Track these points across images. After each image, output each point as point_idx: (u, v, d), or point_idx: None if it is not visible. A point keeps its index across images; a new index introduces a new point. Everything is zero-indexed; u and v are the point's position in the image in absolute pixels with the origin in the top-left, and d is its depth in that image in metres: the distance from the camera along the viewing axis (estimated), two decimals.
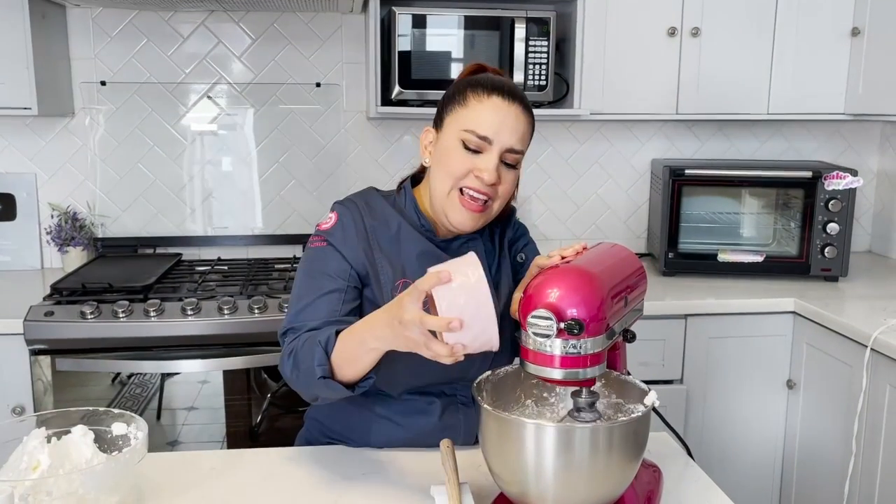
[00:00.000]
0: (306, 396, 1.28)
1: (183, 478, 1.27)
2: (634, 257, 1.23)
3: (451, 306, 1.02)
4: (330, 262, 1.35)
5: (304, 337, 1.26)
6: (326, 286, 1.33)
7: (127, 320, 2.16)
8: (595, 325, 1.01)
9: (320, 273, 1.34)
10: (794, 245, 2.62)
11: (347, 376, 1.20)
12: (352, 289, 1.34)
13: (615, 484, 1.03)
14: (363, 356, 1.17)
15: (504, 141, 1.31)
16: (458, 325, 1.01)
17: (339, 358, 1.19)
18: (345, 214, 1.39)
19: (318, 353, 1.20)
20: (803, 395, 2.38)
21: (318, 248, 1.38)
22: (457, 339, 1.02)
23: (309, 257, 1.38)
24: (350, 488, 1.24)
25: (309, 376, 1.21)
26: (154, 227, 2.76)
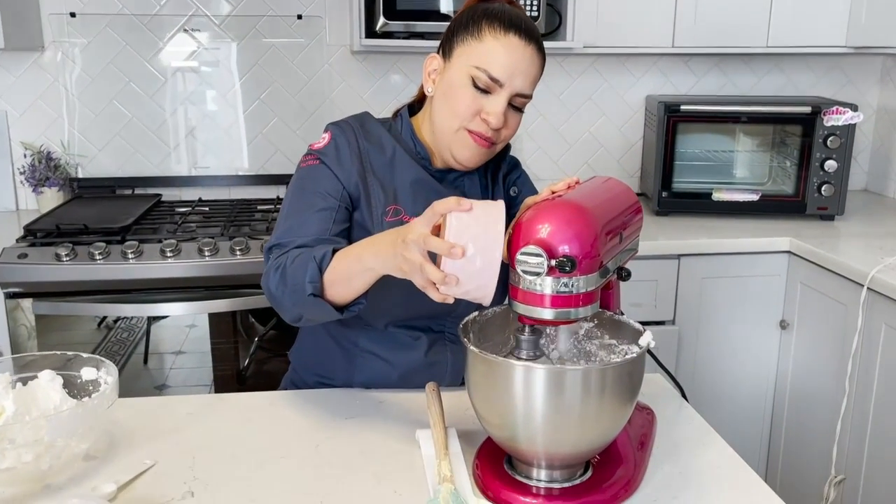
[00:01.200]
0: (288, 315, 1.22)
1: (158, 423, 1.22)
2: (630, 191, 1.16)
3: (460, 234, 0.96)
4: (322, 180, 1.30)
5: (295, 253, 1.21)
6: (318, 204, 1.28)
7: (104, 262, 2.10)
8: (588, 262, 0.95)
9: (312, 191, 1.29)
10: (791, 183, 2.55)
11: (337, 298, 1.15)
12: (343, 209, 1.29)
13: (608, 428, 0.98)
14: (357, 276, 1.12)
15: (516, 85, 1.25)
16: (459, 253, 0.95)
17: (333, 276, 1.14)
18: (339, 135, 1.34)
19: (312, 268, 1.14)
20: (796, 335, 2.35)
21: (310, 167, 1.32)
22: (453, 270, 0.96)
23: (300, 175, 1.33)
24: (333, 434, 1.20)
25: (297, 293, 1.16)
26: (132, 167, 2.68)
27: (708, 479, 1.09)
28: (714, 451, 1.16)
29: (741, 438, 2.45)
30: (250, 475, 1.09)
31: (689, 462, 1.13)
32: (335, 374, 1.38)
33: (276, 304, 1.22)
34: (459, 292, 0.98)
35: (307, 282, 1.14)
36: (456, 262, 0.95)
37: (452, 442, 1.12)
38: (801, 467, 2.36)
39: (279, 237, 1.27)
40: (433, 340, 1.36)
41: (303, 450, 1.15)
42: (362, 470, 1.10)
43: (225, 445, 1.16)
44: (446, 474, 1.01)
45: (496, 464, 1.07)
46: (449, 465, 1.03)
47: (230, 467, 1.11)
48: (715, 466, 1.12)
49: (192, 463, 1.11)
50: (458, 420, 1.21)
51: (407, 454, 1.13)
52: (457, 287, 0.97)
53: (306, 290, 1.14)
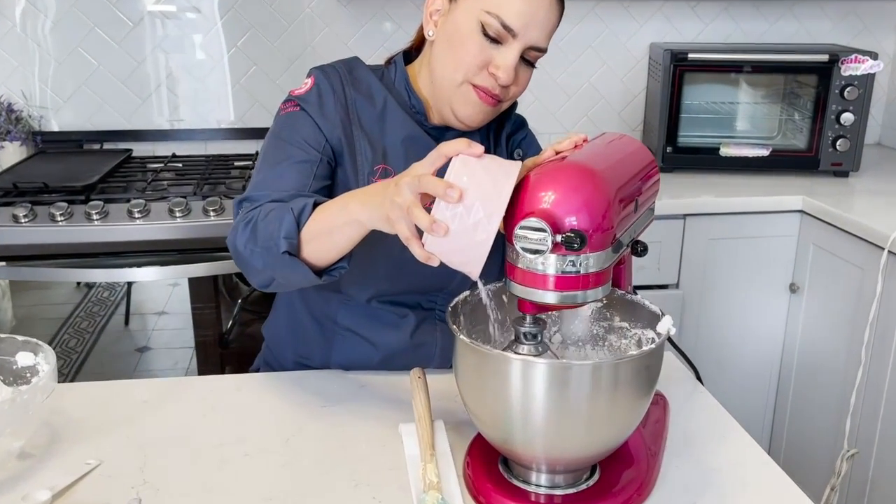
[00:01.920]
0: (257, 278, 1.07)
1: (108, 413, 1.09)
2: (645, 150, 1.01)
3: (462, 178, 0.81)
4: (302, 129, 1.15)
5: (270, 207, 1.05)
6: (297, 155, 1.13)
7: (66, 224, 1.94)
8: (599, 236, 0.80)
9: (290, 141, 1.15)
10: (803, 138, 2.40)
11: (316, 258, 1.01)
12: (325, 163, 1.14)
13: (619, 430, 0.85)
14: (340, 230, 0.97)
15: (531, 37, 1.09)
16: (457, 195, 0.80)
17: (312, 231, 0.99)
18: (323, 80, 1.18)
19: (288, 222, 1.00)
20: (806, 299, 2.22)
21: (289, 114, 1.17)
22: (445, 218, 0.81)
23: (279, 123, 1.18)
24: (306, 426, 1.06)
25: (269, 251, 1.01)
26: (101, 120, 2.50)
27: (730, 478, 0.96)
28: (735, 446, 1.03)
29: (744, 408, 2.34)
30: (208, 477, 0.95)
31: (708, 459, 1.00)
32: (311, 353, 1.25)
33: (243, 264, 1.07)
34: (446, 251, 0.82)
35: (281, 237, 0.99)
36: (450, 209, 0.80)
37: (440, 438, 0.99)
38: (807, 439, 2.25)
39: (251, 190, 1.12)
40: (421, 319, 1.22)
41: (271, 445, 1.02)
42: (338, 470, 0.96)
43: (182, 440, 1.03)
44: (432, 480, 0.88)
45: (490, 464, 0.94)
46: (435, 469, 0.90)
47: (186, 468, 0.97)
48: (737, 464, 0.99)
49: (143, 463, 0.98)
50: (447, 409, 1.07)
51: (389, 451, 1.00)
52: (445, 241, 0.81)
53: (280, 246, 0.99)
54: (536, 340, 0.87)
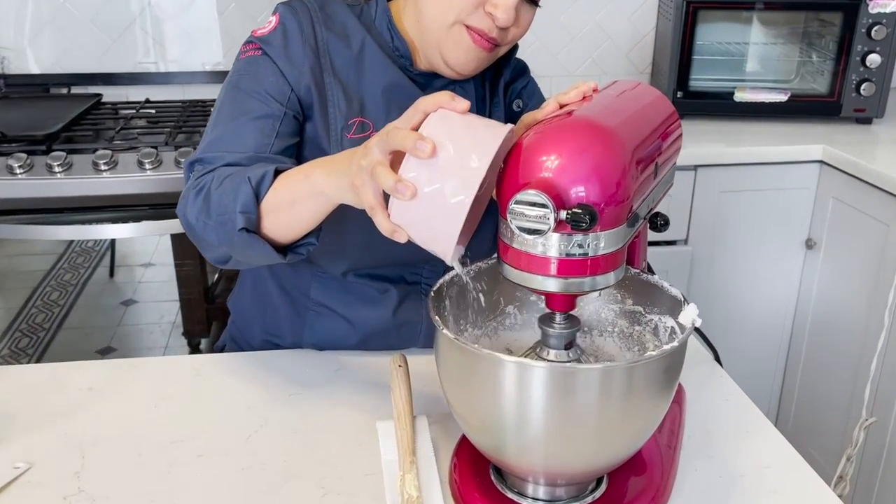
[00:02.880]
0: (212, 254, 0.94)
1: (44, 404, 0.95)
2: (664, 100, 0.85)
3: (436, 131, 0.67)
4: (264, 77, 0.98)
5: (224, 172, 0.90)
6: (256, 109, 0.97)
7: (26, 177, 1.78)
8: (612, 210, 0.66)
9: (250, 91, 0.98)
10: (824, 81, 2.22)
11: (278, 234, 0.87)
12: (291, 118, 0.98)
13: (631, 441, 0.72)
14: (303, 203, 0.83)
15: None
16: (429, 149, 0.66)
17: (272, 203, 0.85)
18: (289, 18, 1.00)
19: (245, 194, 0.85)
20: (823, 256, 2.08)
21: (250, 59, 1.00)
22: (412, 178, 0.67)
23: (237, 70, 1.01)
24: (271, 419, 0.93)
25: (224, 226, 0.87)
26: (69, 62, 2.32)
27: (758, 484, 0.83)
28: (762, 443, 0.90)
29: (752, 371, 2.22)
30: (155, 484, 0.82)
31: (732, 460, 0.87)
32: (281, 330, 1.11)
33: (195, 238, 0.92)
34: (414, 221, 0.69)
35: (238, 211, 0.85)
36: (421, 168, 0.67)
37: (422, 440, 0.85)
38: (818, 406, 2.13)
39: (204, 150, 0.96)
40: (405, 294, 1.08)
41: (228, 444, 0.88)
42: (304, 476, 0.83)
43: (127, 438, 0.89)
44: (412, 495, 0.75)
45: (479, 469, 0.81)
46: (416, 481, 0.77)
47: (129, 472, 0.84)
48: (764, 466, 0.86)
49: (80, 466, 0.85)
50: (432, 397, 0.94)
51: (365, 451, 0.87)
52: (413, 209, 0.67)
53: (236, 222, 0.85)
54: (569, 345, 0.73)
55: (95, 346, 2.94)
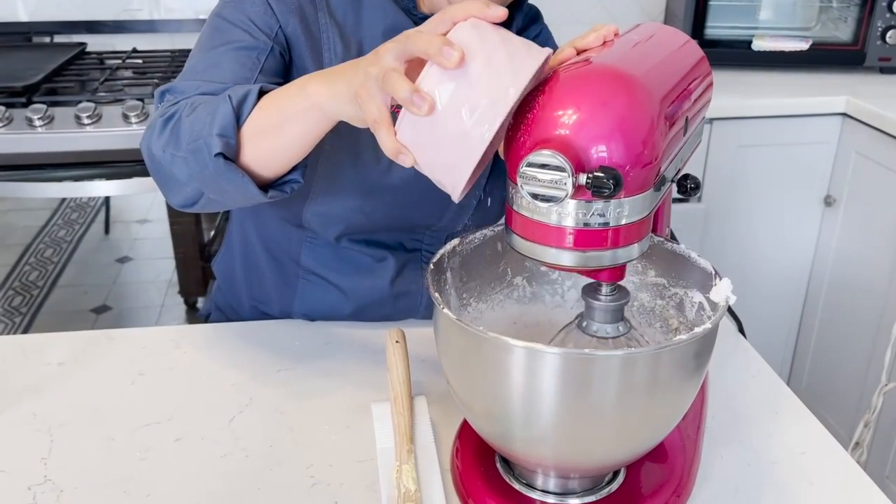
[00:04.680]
0: (179, 195, 0.81)
1: (12, 381, 0.87)
2: (694, 45, 0.76)
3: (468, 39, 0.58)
4: (250, 6, 0.87)
5: (198, 100, 0.79)
6: (239, 39, 0.85)
7: (5, 131, 1.69)
8: (639, 172, 0.57)
9: (233, 20, 0.87)
10: (847, 29, 2.10)
11: (259, 163, 0.75)
12: (276, 54, 0.86)
13: (654, 433, 0.64)
14: (294, 121, 0.72)
15: None
16: (457, 56, 0.57)
17: (256, 125, 0.74)
18: None
19: (224, 114, 0.74)
20: (843, 213, 1.99)
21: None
22: (432, 89, 0.57)
23: (220, 4, 0.89)
24: (255, 399, 0.85)
25: (197, 154, 0.74)
26: (51, 9, 2.20)
27: (792, 473, 0.75)
28: (794, 426, 0.82)
29: (765, 332, 2.15)
30: (126, 472, 0.75)
31: (761, 446, 0.79)
32: (269, 298, 1.02)
33: (160, 175, 0.80)
34: (425, 143, 0.59)
35: (214, 134, 0.73)
36: (444, 79, 0.57)
37: (421, 424, 0.77)
38: (833, 369, 2.06)
39: (178, 79, 0.85)
40: (403, 263, 0.99)
41: (209, 427, 0.81)
42: (291, 463, 0.76)
43: (100, 419, 0.82)
44: (409, 488, 0.67)
45: (483, 457, 0.73)
46: (413, 472, 0.69)
47: (100, 458, 0.77)
48: (798, 452, 0.78)
49: (48, 451, 0.77)
50: (433, 375, 0.86)
51: (357, 435, 0.79)
52: (426, 129, 0.58)
53: (212, 146, 0.73)
54: (616, 319, 0.64)
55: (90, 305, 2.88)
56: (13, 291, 2.95)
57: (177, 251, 2.41)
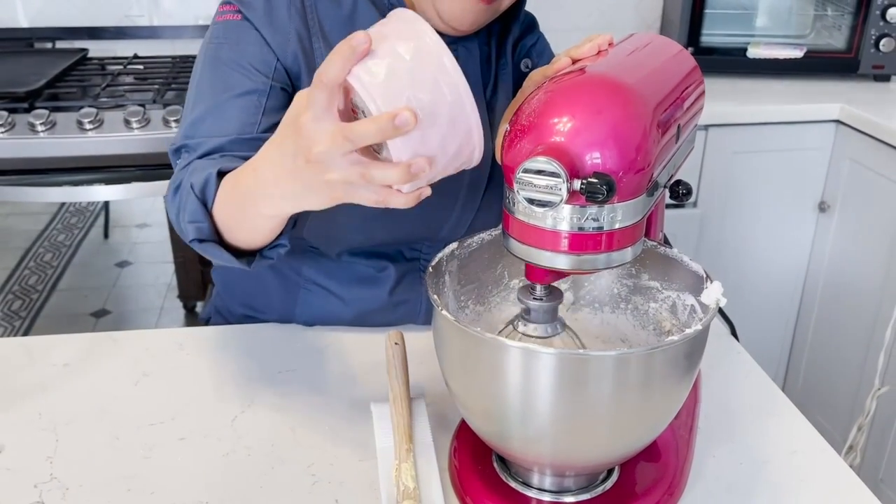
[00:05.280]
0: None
1: (18, 381, 0.89)
2: (686, 54, 0.78)
3: (391, 92, 0.57)
4: (247, 46, 0.87)
5: (197, 166, 0.80)
6: (239, 84, 0.86)
7: (7, 135, 1.70)
8: (632, 178, 0.59)
9: (231, 63, 0.87)
10: (841, 37, 2.13)
11: (240, 242, 0.78)
12: (278, 91, 0.87)
13: (646, 432, 0.66)
14: (258, 225, 0.74)
15: None
16: (410, 118, 0.55)
17: (224, 220, 0.76)
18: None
19: (192, 204, 0.76)
20: (837, 220, 2.01)
21: (228, 24, 0.89)
22: (415, 150, 0.58)
23: (215, 37, 0.90)
24: (256, 400, 0.87)
25: (182, 234, 0.79)
26: (53, 15, 2.22)
27: (783, 472, 0.77)
28: (786, 427, 0.84)
29: (760, 337, 2.17)
30: (131, 470, 0.76)
31: (753, 445, 0.81)
32: (270, 305, 1.04)
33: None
34: (439, 171, 0.61)
35: (187, 221, 0.77)
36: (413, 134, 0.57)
37: (419, 425, 0.79)
38: (827, 373, 2.08)
39: (185, 133, 0.86)
40: (403, 272, 1.00)
41: (212, 426, 0.83)
42: (293, 462, 0.78)
43: (104, 418, 0.83)
44: (408, 486, 0.69)
45: (481, 456, 0.75)
46: (412, 471, 0.71)
47: (105, 456, 0.78)
48: (789, 451, 0.80)
49: (54, 450, 0.79)
50: (432, 376, 0.88)
51: (357, 436, 0.81)
52: (429, 169, 0.59)
53: (187, 234, 0.78)
54: (549, 319, 0.66)
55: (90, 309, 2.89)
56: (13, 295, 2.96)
57: (176, 255, 2.43)
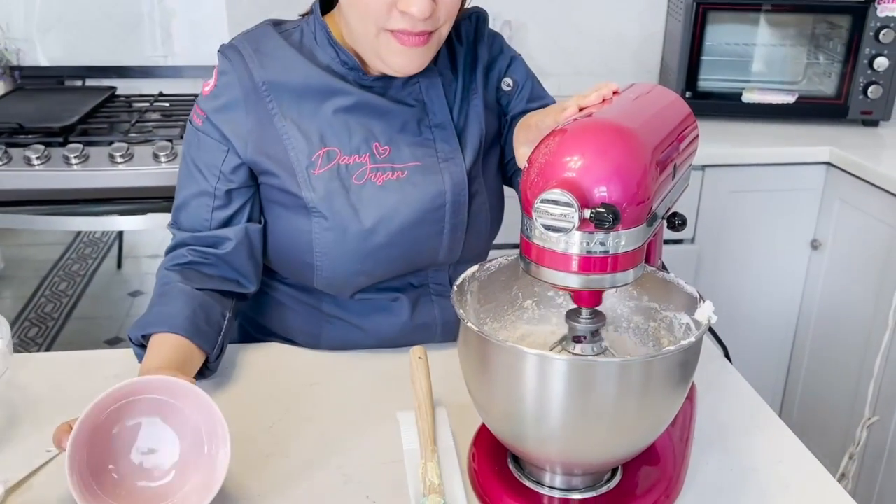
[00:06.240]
0: None
1: (72, 391, 0.97)
2: (682, 102, 0.88)
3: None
4: (205, 152, 1.01)
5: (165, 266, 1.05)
6: (197, 183, 1.03)
7: (43, 168, 1.81)
8: (634, 209, 0.68)
9: (194, 162, 1.03)
10: (831, 83, 2.24)
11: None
12: (236, 191, 1.02)
13: (646, 434, 0.74)
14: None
15: None
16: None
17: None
18: (228, 70, 1.00)
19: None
20: (829, 257, 2.10)
21: (196, 128, 1.03)
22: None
23: (188, 135, 1.05)
24: (291, 409, 0.95)
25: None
26: (83, 55, 2.34)
27: (769, 478, 0.85)
28: (773, 439, 0.92)
29: (757, 368, 2.25)
30: None
31: (743, 455, 0.89)
32: (296, 338, 1.12)
33: None
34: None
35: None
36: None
37: (442, 430, 0.88)
38: (821, 403, 2.16)
39: (173, 213, 1.06)
40: (416, 298, 1.09)
41: (252, 431, 0.91)
42: (327, 463, 0.86)
43: None
44: (433, 482, 0.77)
45: (498, 458, 0.83)
46: (437, 469, 0.79)
47: None
48: (776, 461, 0.88)
49: None
50: (451, 390, 0.96)
51: (385, 441, 0.89)
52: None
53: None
54: (596, 339, 0.75)
55: (104, 337, 2.97)
56: (29, 322, 3.04)
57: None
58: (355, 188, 0.99)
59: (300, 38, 1.03)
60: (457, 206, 1.04)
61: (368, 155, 1.00)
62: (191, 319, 0.96)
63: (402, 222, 1.00)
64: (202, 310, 0.98)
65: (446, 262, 1.08)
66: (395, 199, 1.00)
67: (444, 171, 1.03)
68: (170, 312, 0.96)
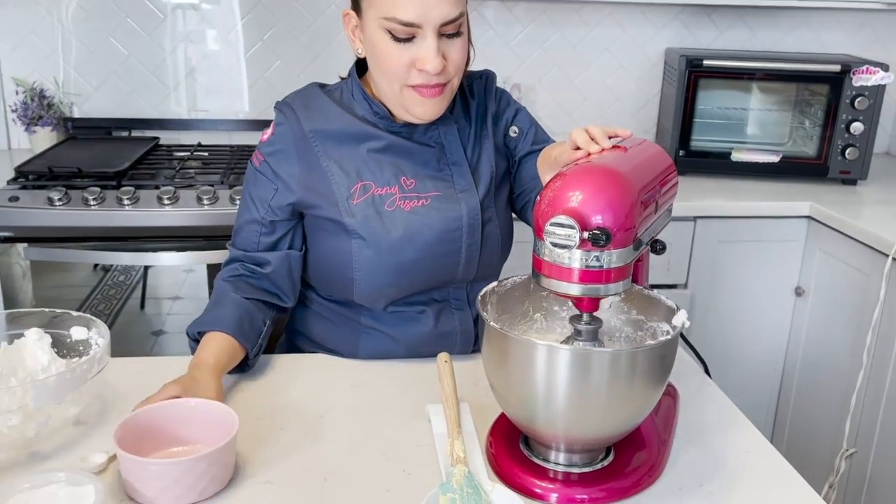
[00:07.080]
0: None
1: (152, 386, 1.15)
2: (664, 154, 1.08)
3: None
4: (259, 189, 1.25)
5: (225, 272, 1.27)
6: (250, 213, 1.25)
7: (99, 208, 2.01)
8: (623, 234, 0.87)
9: (250, 195, 1.26)
10: (813, 145, 2.46)
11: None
12: (281, 222, 1.25)
13: (634, 414, 0.92)
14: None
15: (435, 17, 1.10)
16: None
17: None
18: (282, 124, 1.23)
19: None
20: (812, 303, 2.28)
21: (253, 169, 1.26)
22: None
23: (248, 173, 1.28)
24: (337, 404, 1.13)
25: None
26: (129, 108, 2.57)
27: (736, 465, 1.02)
28: (741, 435, 1.09)
29: (748, 405, 2.38)
30: (247, 448, 1.02)
31: (716, 446, 1.06)
32: (337, 347, 1.31)
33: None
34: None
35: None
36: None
37: (465, 419, 1.05)
38: (807, 438, 2.31)
39: (232, 234, 1.29)
40: (439, 311, 1.28)
41: (304, 421, 1.09)
42: (369, 446, 1.03)
43: None
44: (459, 455, 0.95)
45: (511, 443, 1.01)
46: (462, 446, 0.97)
47: None
48: (742, 451, 1.05)
49: None
50: (469, 392, 1.14)
51: (416, 429, 1.07)
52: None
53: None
54: (594, 338, 0.94)
55: None
56: None
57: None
58: (387, 213, 1.20)
59: (340, 95, 1.26)
60: (472, 229, 1.24)
61: (397, 187, 1.21)
62: (237, 322, 1.17)
63: (426, 240, 1.20)
64: (247, 315, 1.20)
65: (464, 280, 1.26)
66: (420, 221, 1.20)
67: (461, 199, 1.23)
68: (222, 315, 1.18)
